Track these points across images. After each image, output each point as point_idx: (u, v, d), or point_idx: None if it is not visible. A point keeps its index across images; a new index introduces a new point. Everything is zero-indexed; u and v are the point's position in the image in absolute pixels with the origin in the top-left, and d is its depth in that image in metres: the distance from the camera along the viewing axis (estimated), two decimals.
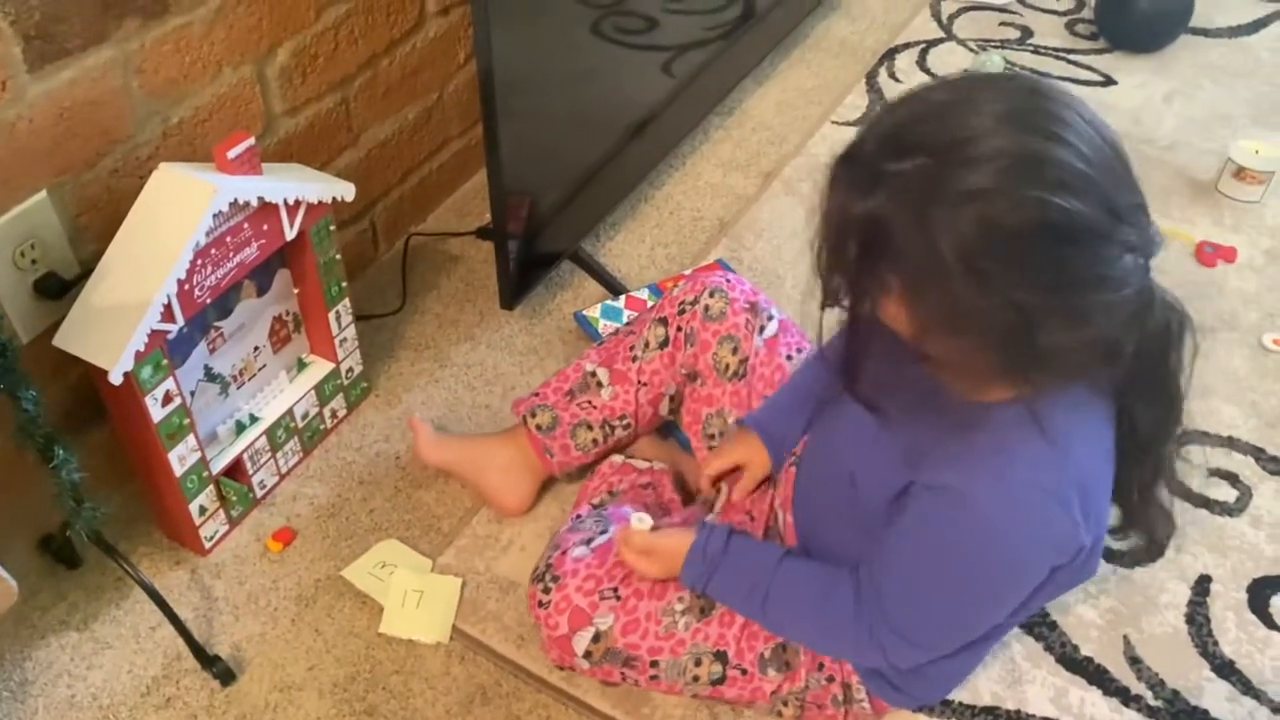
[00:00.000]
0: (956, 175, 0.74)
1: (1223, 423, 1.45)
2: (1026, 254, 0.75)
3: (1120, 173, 0.78)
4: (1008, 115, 0.76)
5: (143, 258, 1.06)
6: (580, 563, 1.10)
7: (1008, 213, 0.73)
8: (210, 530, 1.26)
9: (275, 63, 1.33)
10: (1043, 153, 0.74)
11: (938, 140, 0.76)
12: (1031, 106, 0.76)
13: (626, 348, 1.28)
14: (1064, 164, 0.74)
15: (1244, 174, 1.80)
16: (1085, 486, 0.87)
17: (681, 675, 1.07)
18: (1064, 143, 0.74)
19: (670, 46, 1.85)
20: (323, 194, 1.22)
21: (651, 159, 1.83)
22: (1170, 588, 1.26)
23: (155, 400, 1.10)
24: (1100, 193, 0.75)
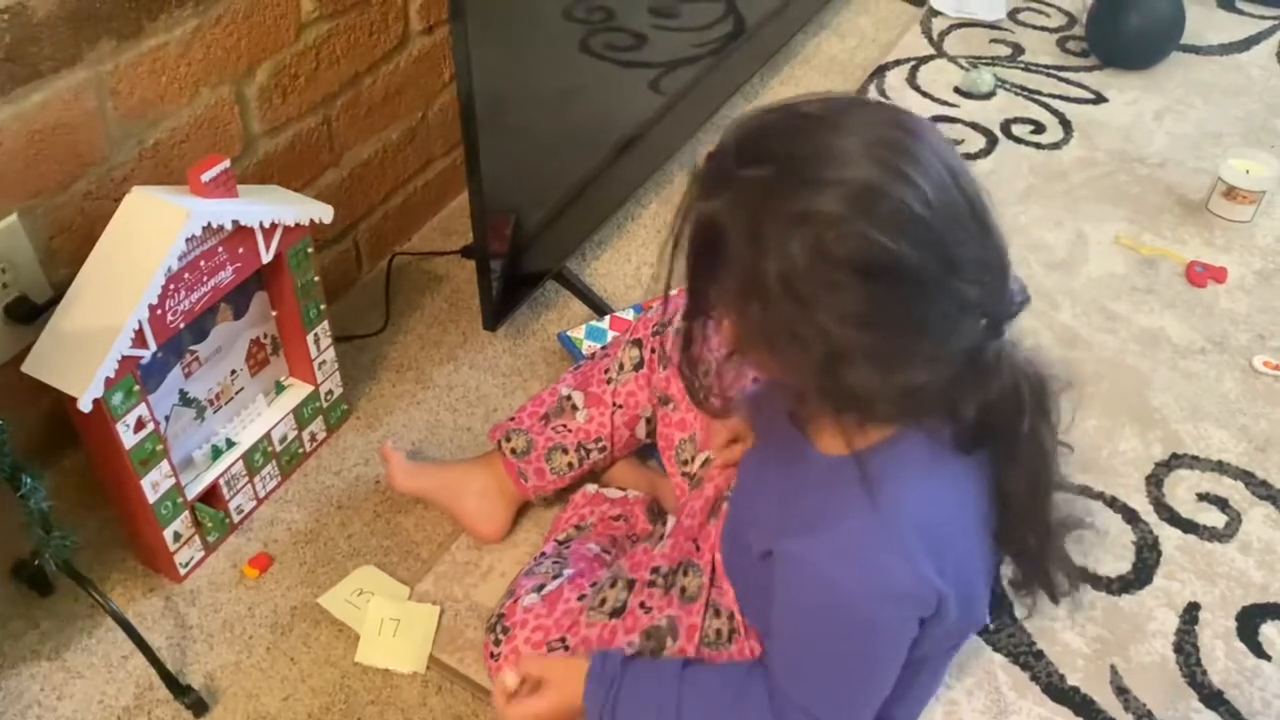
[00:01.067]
0: (798, 193, 0.73)
1: (1213, 446, 1.44)
2: (844, 286, 0.73)
3: (968, 225, 0.75)
4: (866, 144, 0.74)
5: (114, 282, 1.05)
6: (530, 613, 1.09)
7: (834, 242, 0.72)
8: (185, 557, 1.24)
9: (254, 83, 1.32)
10: (885, 188, 0.72)
11: (791, 154, 0.75)
12: (892, 140, 0.74)
13: (601, 370, 1.27)
14: (902, 204, 0.72)
15: (1234, 194, 1.79)
16: (931, 534, 0.83)
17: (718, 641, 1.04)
18: (911, 183, 0.73)
19: (659, 63, 1.84)
20: (300, 216, 1.21)
21: (639, 177, 1.82)
22: (1159, 615, 1.25)
23: (127, 426, 1.09)
24: (936, 241, 0.73)
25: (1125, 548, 1.31)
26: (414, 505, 1.34)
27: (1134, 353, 1.57)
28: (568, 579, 1.13)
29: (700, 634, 1.04)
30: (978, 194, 0.77)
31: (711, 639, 1.04)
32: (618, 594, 1.10)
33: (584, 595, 1.10)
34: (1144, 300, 1.66)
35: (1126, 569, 1.29)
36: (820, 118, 0.76)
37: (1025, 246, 1.76)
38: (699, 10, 1.91)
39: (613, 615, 1.07)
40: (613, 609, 1.08)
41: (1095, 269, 1.72)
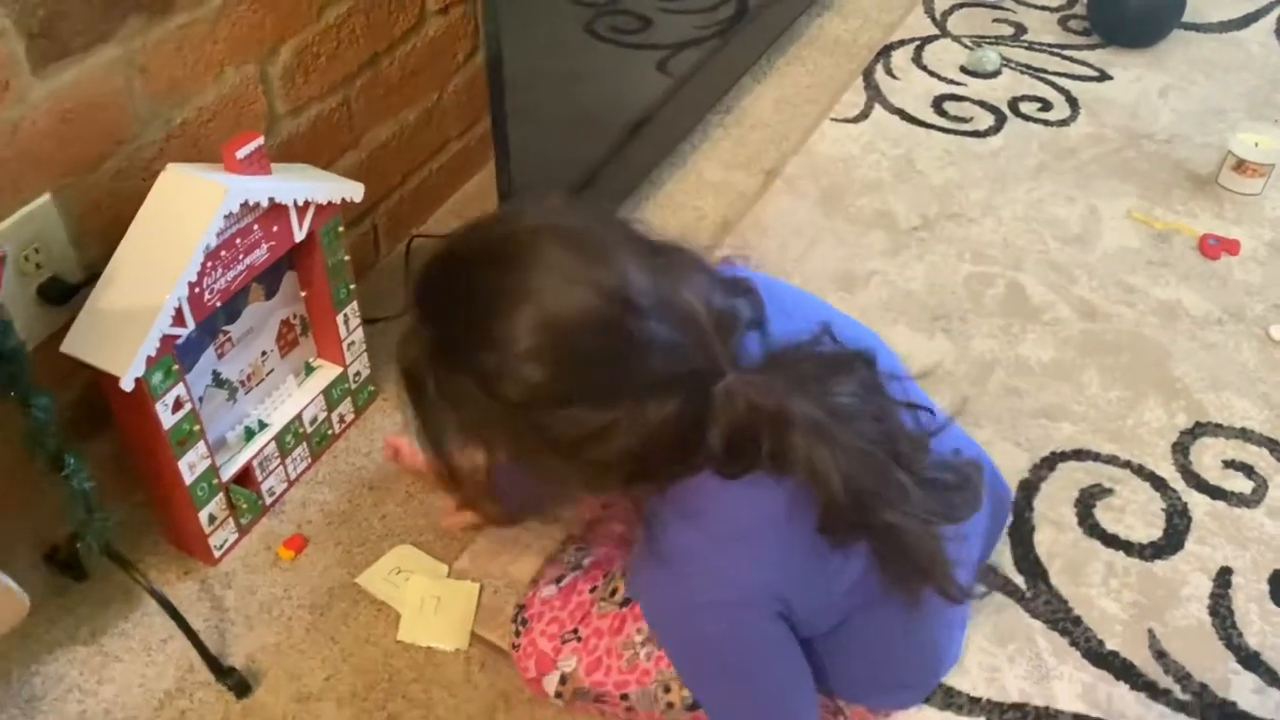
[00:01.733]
0: (465, 352, 0.81)
1: (1236, 415, 1.45)
2: (540, 414, 0.82)
3: (622, 326, 0.79)
4: (509, 299, 0.79)
5: (152, 261, 1.04)
6: (546, 604, 1.09)
7: (511, 387, 0.80)
8: (220, 539, 1.23)
9: (278, 62, 1.30)
10: (535, 339, 0.79)
11: (453, 314, 0.82)
12: (526, 288, 0.79)
13: None
14: (558, 344, 0.79)
15: (1244, 167, 1.80)
16: (733, 541, 0.88)
17: (655, 704, 1.04)
18: (562, 325, 0.79)
19: (665, 45, 1.84)
20: (332, 194, 1.20)
21: (652, 158, 1.81)
22: (1192, 580, 1.26)
23: (166, 406, 1.08)
24: (594, 360, 0.80)
25: (1155, 515, 1.33)
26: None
27: (1152, 325, 1.59)
28: (584, 571, 1.13)
29: None
30: (630, 273, 0.80)
31: None
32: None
33: (595, 587, 1.10)
34: (1159, 273, 1.68)
35: (1158, 535, 1.30)
36: (476, 267, 0.82)
37: (1039, 222, 1.77)
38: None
39: (623, 605, 1.07)
40: (623, 599, 1.07)
41: (1109, 243, 1.73)
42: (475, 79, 1.71)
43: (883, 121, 1.99)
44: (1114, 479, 1.37)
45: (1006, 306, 1.61)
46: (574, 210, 0.85)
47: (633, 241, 0.85)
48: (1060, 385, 1.48)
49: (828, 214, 1.77)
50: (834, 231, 1.74)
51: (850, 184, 1.84)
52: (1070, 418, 1.44)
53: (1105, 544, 1.29)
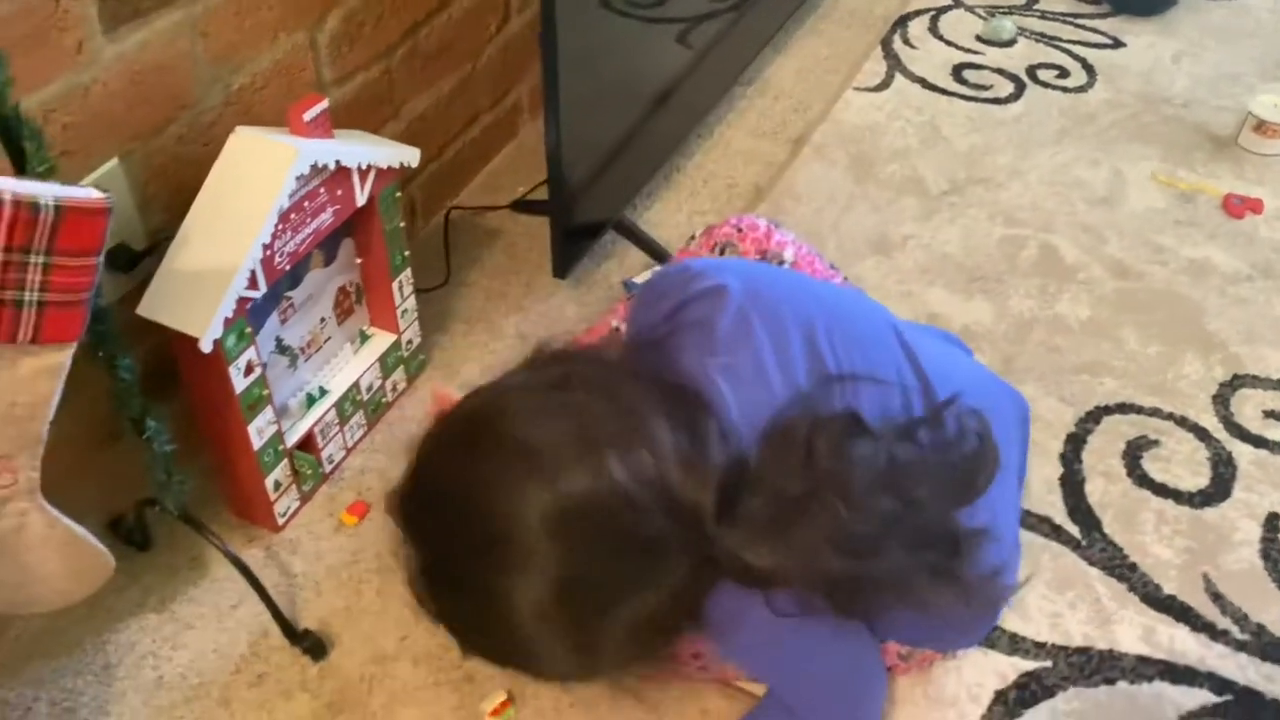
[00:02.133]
0: (474, 571, 0.80)
1: (1272, 366, 1.48)
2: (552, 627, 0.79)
3: (613, 521, 0.77)
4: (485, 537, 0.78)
5: (225, 223, 1.04)
6: None
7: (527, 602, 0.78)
8: (283, 506, 1.23)
9: (326, 30, 1.30)
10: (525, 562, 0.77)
11: (442, 546, 0.82)
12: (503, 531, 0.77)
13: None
14: (546, 572, 0.77)
15: (1265, 128, 1.83)
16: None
17: (725, 662, 1.06)
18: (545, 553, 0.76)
19: (684, 19, 1.84)
20: (391, 159, 1.20)
21: (680, 130, 1.82)
22: (1242, 526, 1.28)
23: (238, 370, 1.08)
24: (601, 557, 0.77)
25: (1200, 464, 1.35)
26: None
27: (1184, 283, 1.61)
28: None
29: None
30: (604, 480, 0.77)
31: None
32: None
33: None
34: (1187, 233, 1.70)
35: (1205, 484, 1.33)
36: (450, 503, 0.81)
37: (1065, 185, 1.79)
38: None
39: None
40: None
41: (1136, 204, 1.76)
42: (506, 50, 1.71)
43: (905, 90, 2.01)
44: (1159, 431, 1.39)
45: (1041, 267, 1.63)
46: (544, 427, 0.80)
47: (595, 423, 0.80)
48: (1099, 342, 1.51)
49: (859, 180, 1.78)
50: (866, 197, 1.75)
51: (878, 151, 1.85)
52: (1111, 373, 1.46)
53: (1155, 493, 1.31)
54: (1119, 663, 1.15)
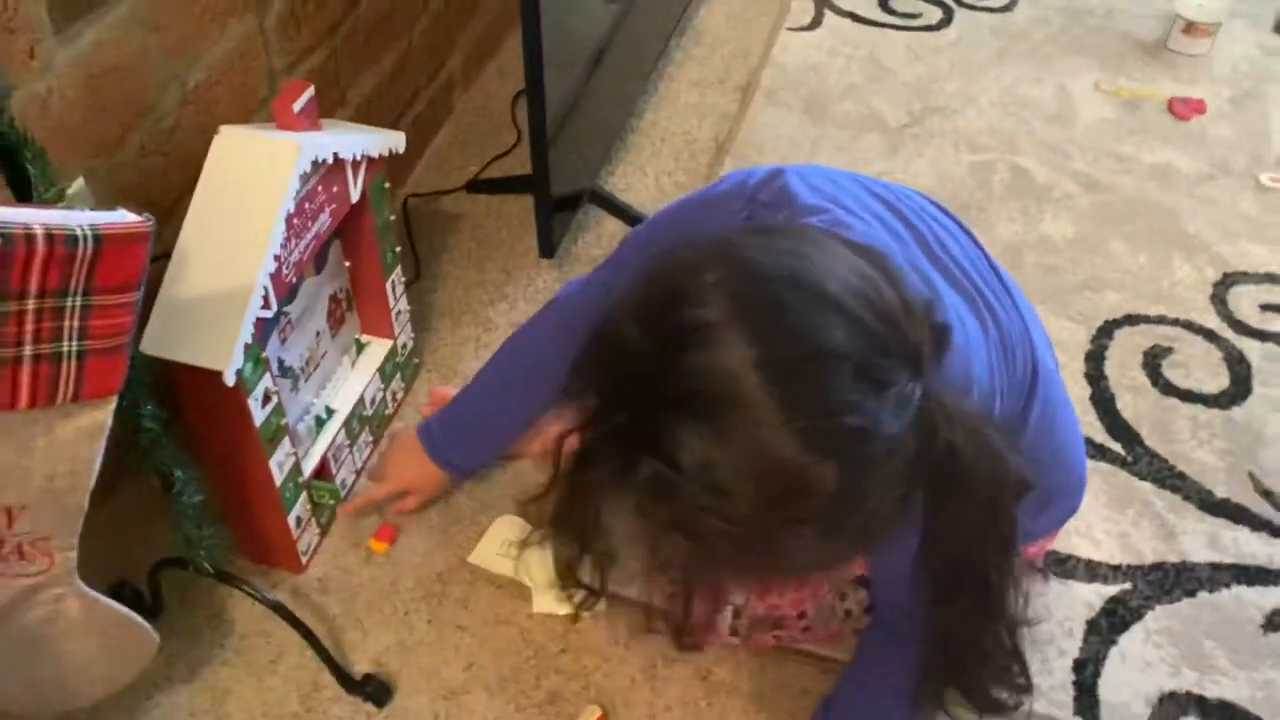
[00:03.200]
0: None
1: (1256, 261, 1.50)
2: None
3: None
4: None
5: (228, 236, 0.91)
6: None
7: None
8: (305, 544, 1.12)
9: (272, 12, 1.17)
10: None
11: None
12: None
13: None
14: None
15: (1193, 29, 1.86)
16: None
17: (832, 616, 1.02)
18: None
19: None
20: (380, 147, 1.09)
21: (627, 89, 1.73)
22: (1270, 421, 1.29)
23: (256, 401, 0.96)
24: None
25: (1217, 365, 1.36)
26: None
27: (1153, 189, 1.62)
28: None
29: None
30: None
31: None
32: None
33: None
34: (1143, 140, 1.72)
35: (1226, 384, 1.34)
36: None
37: (1017, 105, 1.78)
38: None
39: None
40: None
41: (1088, 117, 1.76)
42: (437, 21, 1.59)
43: (837, 26, 1.96)
44: (1169, 337, 1.39)
45: (1015, 190, 1.62)
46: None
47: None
48: (1091, 257, 1.50)
49: (816, 122, 1.74)
50: (829, 139, 1.70)
51: (828, 90, 1.80)
52: (1110, 286, 1.46)
53: (1182, 400, 1.31)
54: (1194, 573, 1.14)
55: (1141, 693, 1.05)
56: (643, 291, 0.68)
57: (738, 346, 0.62)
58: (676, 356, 0.63)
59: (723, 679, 1.05)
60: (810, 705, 1.02)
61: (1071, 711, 1.03)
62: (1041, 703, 1.03)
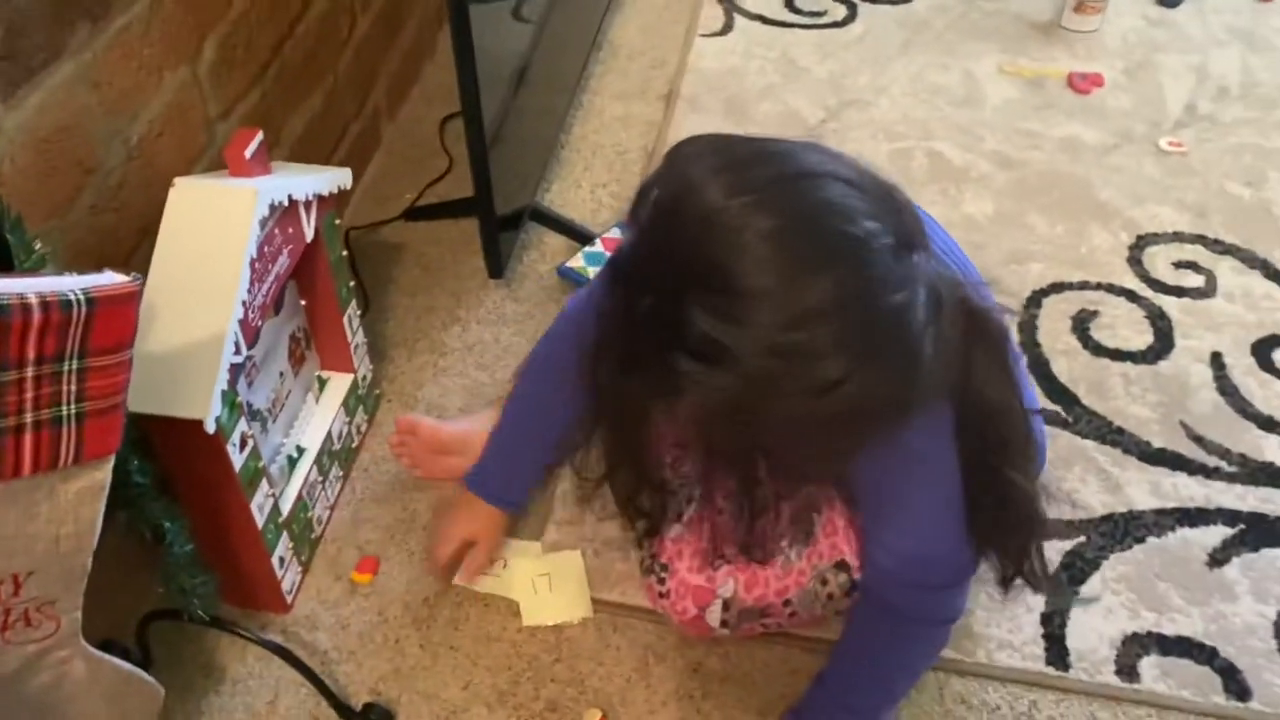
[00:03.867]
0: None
1: (1165, 222, 1.59)
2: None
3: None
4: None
5: (194, 286, 0.92)
6: (680, 543, 1.06)
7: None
8: (289, 583, 1.13)
9: (204, 60, 1.17)
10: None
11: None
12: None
13: None
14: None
15: (1083, 6, 1.95)
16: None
17: (816, 600, 1.05)
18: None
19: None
20: (329, 185, 1.10)
21: (553, 106, 1.76)
22: (1194, 371, 1.38)
23: (235, 446, 0.97)
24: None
25: (1140, 323, 1.44)
26: None
27: (1064, 162, 1.70)
28: (699, 499, 1.10)
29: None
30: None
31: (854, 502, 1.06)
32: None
33: (722, 510, 1.08)
34: (1048, 116, 1.80)
35: (1151, 340, 1.42)
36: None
37: (927, 92, 1.85)
38: None
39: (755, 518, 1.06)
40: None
41: (994, 98, 1.84)
42: (359, 53, 1.60)
43: (748, 29, 2.02)
44: (1094, 301, 1.47)
45: (935, 174, 1.68)
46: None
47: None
48: (1012, 231, 1.57)
49: (739, 124, 1.79)
50: None
51: (747, 93, 1.86)
52: (1034, 257, 1.53)
53: (1113, 359, 1.39)
54: (1141, 521, 1.21)
55: (1106, 637, 1.11)
56: (648, 207, 0.73)
57: (755, 214, 0.67)
58: (686, 226, 0.69)
59: (714, 668, 1.09)
60: (800, 683, 1.06)
61: (1044, 662, 1.09)
62: (1015, 657, 1.09)
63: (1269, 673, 1.08)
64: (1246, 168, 1.68)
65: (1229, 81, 1.87)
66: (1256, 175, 1.67)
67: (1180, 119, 1.78)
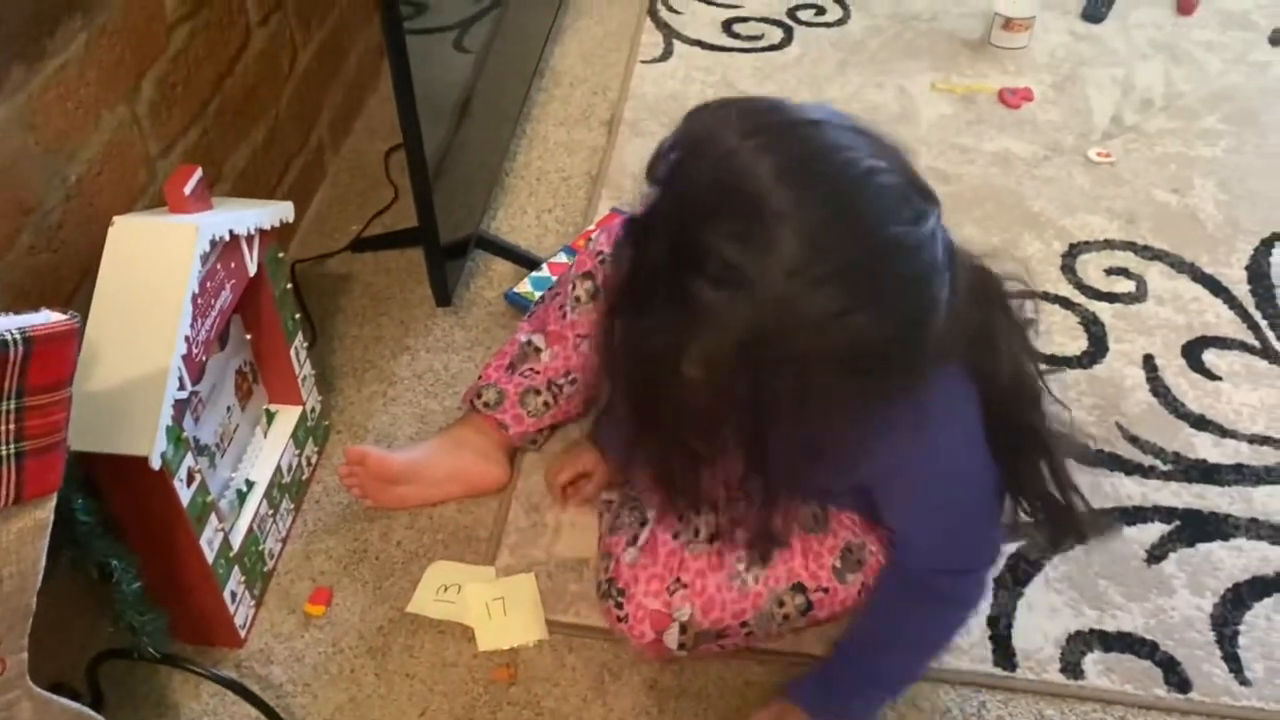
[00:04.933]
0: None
1: (1096, 230, 1.64)
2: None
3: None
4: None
5: (137, 324, 0.92)
6: (636, 568, 1.06)
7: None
8: (241, 618, 1.12)
9: (143, 98, 1.18)
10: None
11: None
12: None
13: (556, 309, 1.27)
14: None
15: (1011, 24, 2.01)
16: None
17: (772, 621, 1.07)
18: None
19: (451, 25, 1.80)
20: (271, 219, 1.11)
21: (498, 134, 1.78)
22: (1128, 373, 1.42)
23: (182, 481, 0.97)
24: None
25: (1075, 329, 1.48)
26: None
27: (996, 175, 1.75)
28: (654, 522, 1.11)
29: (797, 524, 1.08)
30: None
31: (811, 525, 1.08)
32: (707, 520, 1.09)
33: (677, 533, 1.08)
34: (981, 130, 1.85)
35: (1086, 345, 1.46)
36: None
37: (864, 110, 1.89)
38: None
39: (711, 542, 1.07)
40: (709, 535, 1.07)
41: (929, 115, 1.89)
42: (302, 87, 1.61)
43: (687, 54, 2.05)
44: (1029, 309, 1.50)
45: None
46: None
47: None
48: None
49: None
50: None
51: None
52: None
53: (1049, 364, 1.42)
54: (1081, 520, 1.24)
55: (1051, 636, 1.13)
56: (667, 162, 0.78)
57: (774, 149, 0.72)
58: (705, 165, 0.74)
59: (669, 684, 1.10)
60: (755, 696, 1.08)
61: (991, 664, 1.11)
62: (964, 659, 1.11)
63: (1207, 664, 1.11)
64: (1172, 175, 1.74)
65: (1153, 93, 1.93)
66: (1182, 182, 1.72)
67: (1107, 130, 1.84)
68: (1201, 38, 2.06)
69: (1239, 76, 1.96)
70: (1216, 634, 1.13)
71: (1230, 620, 1.15)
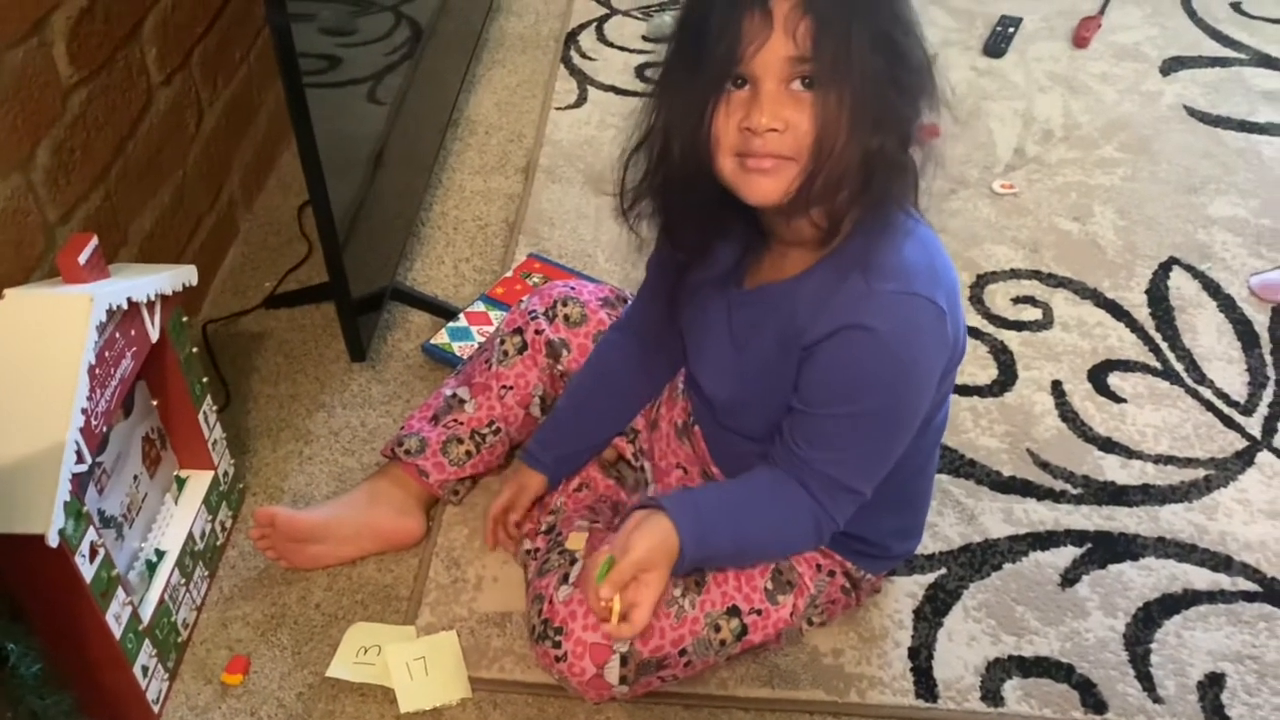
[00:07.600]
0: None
1: (1001, 260, 1.68)
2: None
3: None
4: None
5: (29, 399, 0.90)
6: (572, 604, 1.06)
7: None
8: (154, 692, 1.09)
9: (38, 165, 1.16)
10: None
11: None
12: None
13: (483, 362, 1.29)
14: None
15: None
16: (933, 276, 0.98)
17: (709, 648, 1.08)
18: None
19: (364, 78, 1.80)
20: (173, 284, 1.10)
21: (412, 185, 1.78)
22: (1037, 399, 1.45)
23: (84, 557, 0.94)
24: None
25: (985, 358, 1.51)
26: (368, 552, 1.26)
27: None
28: (585, 557, 1.11)
29: None
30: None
31: None
32: None
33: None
34: None
35: (995, 374, 1.49)
36: None
37: None
38: (370, 23, 1.87)
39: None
40: None
41: None
42: (210, 145, 1.60)
43: (601, 100, 2.07)
44: None
45: None
46: None
47: None
48: None
49: (598, 192, 1.83)
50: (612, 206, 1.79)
51: (604, 161, 1.90)
52: None
53: (962, 394, 1.46)
54: (996, 548, 1.27)
55: (971, 664, 1.15)
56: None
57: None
58: None
59: None
60: None
61: (913, 696, 1.13)
62: (887, 693, 1.12)
63: (1121, 684, 1.13)
64: (1073, 204, 1.79)
65: (1053, 124, 1.99)
66: (1083, 210, 1.78)
67: (1010, 162, 1.89)
68: (1097, 69, 2.14)
69: (1133, 106, 2.03)
70: (1130, 653, 1.16)
71: (1142, 639, 1.17)
